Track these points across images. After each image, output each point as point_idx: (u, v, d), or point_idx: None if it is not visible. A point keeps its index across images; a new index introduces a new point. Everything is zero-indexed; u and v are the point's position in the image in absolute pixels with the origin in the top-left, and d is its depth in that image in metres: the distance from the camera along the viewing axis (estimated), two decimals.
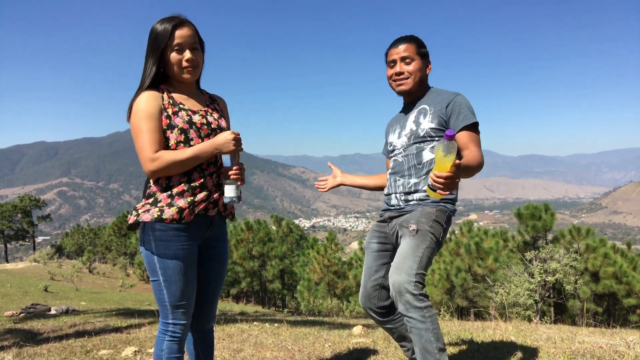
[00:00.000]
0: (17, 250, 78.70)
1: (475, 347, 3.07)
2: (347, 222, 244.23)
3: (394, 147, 2.37)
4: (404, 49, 2.24)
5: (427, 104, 2.27)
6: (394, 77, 2.29)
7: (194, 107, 1.85)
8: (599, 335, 3.58)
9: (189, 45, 1.77)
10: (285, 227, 25.71)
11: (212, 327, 2.02)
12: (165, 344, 1.79)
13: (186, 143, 1.76)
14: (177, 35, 1.75)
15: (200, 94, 1.95)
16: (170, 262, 1.74)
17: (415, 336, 1.91)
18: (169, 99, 1.80)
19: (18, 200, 39.26)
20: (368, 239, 2.39)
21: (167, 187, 1.76)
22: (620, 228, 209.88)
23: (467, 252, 15.79)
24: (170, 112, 1.77)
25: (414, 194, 2.21)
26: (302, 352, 3.10)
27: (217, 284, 1.96)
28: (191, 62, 1.78)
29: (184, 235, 1.76)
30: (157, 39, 1.75)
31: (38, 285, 13.97)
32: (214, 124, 1.86)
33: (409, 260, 1.97)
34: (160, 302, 1.78)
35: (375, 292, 2.27)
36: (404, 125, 2.34)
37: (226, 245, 2.00)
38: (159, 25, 1.76)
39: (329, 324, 4.71)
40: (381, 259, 2.30)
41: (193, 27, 1.81)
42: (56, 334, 3.99)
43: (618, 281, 14.01)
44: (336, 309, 16.86)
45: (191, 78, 1.83)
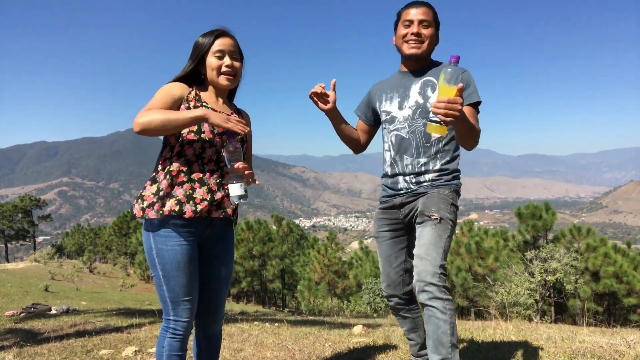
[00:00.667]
0: (18, 250, 78.76)
1: (476, 347, 3.07)
2: (348, 222, 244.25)
3: (392, 117, 2.24)
4: (424, 12, 2.14)
5: (434, 76, 2.17)
6: (408, 36, 2.15)
7: (217, 108, 1.91)
8: (600, 334, 3.58)
9: (230, 54, 1.87)
10: (286, 226, 25.72)
11: (220, 330, 2.01)
12: (166, 341, 1.80)
13: (197, 134, 1.81)
14: (218, 43, 1.85)
15: (229, 104, 2.02)
16: (168, 256, 1.76)
17: (432, 326, 1.89)
18: (196, 95, 1.87)
19: (18, 200, 39.27)
20: (377, 229, 2.32)
21: (167, 173, 1.79)
22: (620, 227, 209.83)
23: (468, 252, 15.79)
24: (192, 105, 1.84)
25: (425, 174, 2.15)
26: (302, 352, 3.10)
27: (221, 285, 1.96)
28: (231, 67, 1.86)
29: (182, 232, 1.78)
30: (199, 47, 1.86)
31: (39, 285, 13.98)
32: None
33: (433, 251, 1.95)
34: (162, 298, 1.81)
35: (400, 277, 2.24)
36: (406, 94, 2.21)
37: (230, 246, 1.99)
38: (202, 37, 1.88)
39: (329, 324, 4.71)
40: (399, 245, 2.26)
41: (235, 39, 1.91)
42: (57, 333, 3.99)
43: (618, 280, 14.01)
44: (336, 309, 16.87)
45: (229, 85, 1.89)
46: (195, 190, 1.80)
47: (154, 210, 1.75)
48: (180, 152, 1.81)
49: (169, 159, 1.83)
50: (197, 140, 1.81)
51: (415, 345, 2.37)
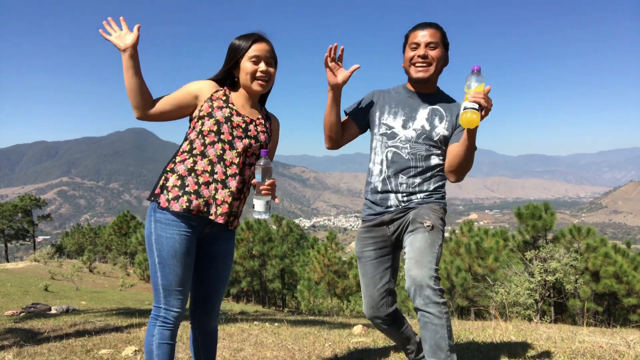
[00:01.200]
0: (18, 249, 78.77)
1: (476, 347, 3.07)
2: (348, 222, 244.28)
3: (394, 133, 2.20)
4: (430, 34, 2.12)
5: (443, 107, 2.19)
6: (415, 59, 2.15)
7: (242, 111, 1.92)
8: (599, 334, 3.58)
9: (266, 59, 1.89)
10: (286, 226, 25.72)
11: (215, 327, 2.03)
12: (156, 329, 1.80)
13: (217, 134, 1.83)
14: (255, 48, 1.87)
15: (259, 108, 2.02)
16: (166, 244, 1.78)
17: (429, 332, 1.87)
18: (223, 95, 1.90)
19: (18, 199, 39.26)
20: (360, 248, 2.26)
21: (192, 171, 1.81)
22: (620, 227, 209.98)
23: (467, 252, 15.80)
24: (216, 105, 1.85)
25: (418, 194, 2.15)
26: (302, 352, 3.10)
27: (219, 283, 1.97)
28: (266, 73, 1.88)
29: (183, 224, 1.80)
30: (236, 50, 1.89)
31: (38, 284, 13.98)
32: (252, 132, 1.91)
33: (428, 255, 1.93)
34: (155, 286, 1.81)
35: (383, 299, 2.19)
36: (412, 116, 2.20)
37: (231, 246, 2.00)
38: (239, 40, 1.90)
39: (329, 324, 4.71)
40: (383, 265, 2.21)
41: (271, 44, 1.93)
42: (56, 333, 3.99)
43: (618, 281, 14.01)
44: (336, 309, 16.88)
45: (260, 90, 1.91)
46: (218, 192, 1.82)
47: (179, 203, 1.77)
48: (204, 152, 1.83)
49: (187, 153, 1.84)
50: (217, 141, 1.83)
51: (411, 352, 2.36)
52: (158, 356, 1.78)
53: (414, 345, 2.33)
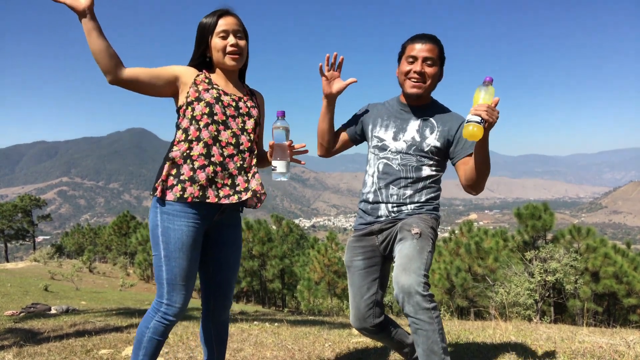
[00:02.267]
0: (18, 249, 78.78)
1: (475, 347, 3.07)
2: (348, 222, 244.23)
3: (385, 145, 2.20)
4: (429, 49, 2.08)
5: (435, 119, 2.18)
6: (411, 74, 2.11)
7: (228, 90, 1.90)
8: (599, 334, 3.58)
9: (234, 32, 1.85)
10: (286, 226, 25.73)
11: (227, 316, 2.01)
12: (152, 323, 1.77)
13: (210, 116, 1.80)
14: (221, 23, 1.83)
15: (241, 85, 2.00)
16: (173, 236, 1.74)
17: (421, 337, 1.84)
18: (206, 78, 1.87)
19: (18, 199, 39.27)
20: (350, 257, 2.24)
21: (187, 157, 1.78)
22: (620, 228, 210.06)
23: (467, 252, 15.80)
24: (201, 88, 1.83)
25: (407, 205, 2.13)
26: (302, 352, 3.10)
27: (230, 271, 1.95)
28: (236, 46, 1.84)
29: (191, 214, 1.76)
30: (204, 30, 1.85)
31: (38, 284, 13.98)
32: (244, 109, 1.90)
33: (416, 261, 1.89)
34: (158, 280, 1.78)
35: (369, 311, 2.16)
36: (403, 128, 2.20)
37: (239, 232, 1.98)
38: (205, 18, 1.86)
39: (329, 324, 4.71)
40: (371, 276, 2.19)
41: (238, 17, 1.89)
42: (56, 333, 3.99)
43: (618, 281, 14.02)
44: (336, 309, 16.88)
45: (235, 65, 1.87)
46: (217, 174, 1.79)
47: (173, 192, 1.74)
48: (199, 137, 1.79)
49: (183, 141, 1.81)
50: (210, 122, 1.80)
51: (407, 353, 2.35)
52: (145, 349, 1.77)
53: (408, 347, 2.32)
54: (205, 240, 1.88)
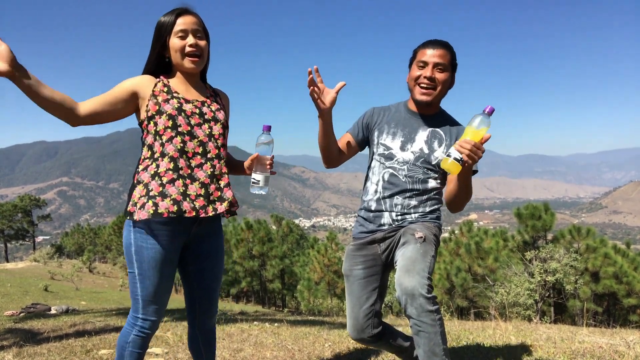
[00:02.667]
0: (17, 249, 78.80)
1: (476, 347, 3.07)
2: (347, 222, 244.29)
3: (392, 154, 2.15)
4: (441, 54, 2.02)
5: (443, 130, 2.14)
6: (421, 79, 2.06)
7: (189, 96, 1.81)
8: (599, 335, 3.58)
9: (193, 32, 1.75)
10: (286, 226, 25.72)
11: (214, 324, 2.01)
12: (131, 337, 1.78)
13: (173, 129, 1.72)
14: (180, 22, 1.74)
15: (203, 87, 1.91)
16: (147, 255, 1.71)
17: (422, 339, 1.83)
18: (164, 87, 1.77)
19: (18, 199, 39.30)
20: (349, 266, 2.19)
21: (155, 175, 1.72)
22: (620, 228, 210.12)
23: (467, 252, 15.81)
24: (161, 99, 1.73)
25: (413, 214, 2.11)
26: (302, 352, 3.10)
27: (213, 282, 1.92)
28: (195, 47, 1.75)
29: (165, 231, 1.72)
30: (161, 28, 1.76)
31: (38, 284, 13.99)
32: (209, 115, 1.81)
33: (420, 263, 1.87)
34: (133, 295, 1.77)
35: (368, 321, 2.13)
36: (411, 138, 2.14)
37: (220, 241, 1.94)
38: (164, 17, 1.77)
39: (329, 324, 4.71)
40: (370, 285, 2.15)
41: (198, 16, 1.79)
42: (56, 333, 3.99)
43: (618, 281, 14.02)
44: (336, 309, 16.88)
45: (194, 68, 1.78)
46: (187, 187, 1.72)
47: (146, 210, 1.66)
48: (163, 152, 1.73)
49: (149, 159, 1.75)
50: (175, 135, 1.72)
51: (407, 356, 2.34)
52: None
53: (407, 351, 2.30)
54: (186, 252, 1.85)
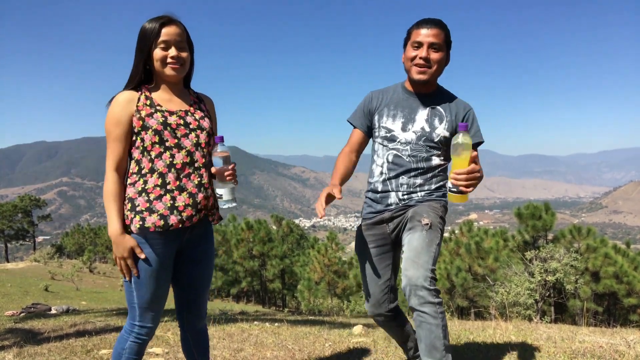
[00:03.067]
0: (18, 249, 78.75)
1: (476, 347, 3.07)
2: (348, 222, 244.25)
3: (394, 136, 2.18)
4: (435, 34, 2.04)
5: (442, 107, 2.16)
6: (417, 60, 2.07)
7: (173, 107, 1.81)
8: (600, 334, 3.57)
9: (176, 43, 1.75)
10: (286, 226, 25.73)
11: (204, 325, 2.01)
12: (127, 344, 1.80)
13: (161, 144, 1.73)
14: (163, 33, 1.73)
15: (187, 93, 1.91)
16: (142, 264, 1.73)
17: (424, 331, 1.86)
18: (147, 100, 1.77)
19: (18, 200, 39.29)
20: (361, 245, 2.25)
21: (142, 191, 1.73)
22: (620, 227, 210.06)
23: (467, 252, 15.80)
24: (144, 114, 1.73)
25: (418, 193, 2.15)
26: (302, 352, 3.10)
27: (203, 286, 1.93)
28: (176, 58, 1.76)
29: (158, 239, 1.74)
30: (145, 37, 1.75)
31: (38, 284, 14.00)
32: (194, 124, 1.81)
33: (425, 255, 1.93)
34: (130, 303, 1.79)
35: (385, 296, 2.19)
36: (412, 118, 2.16)
37: (211, 245, 1.95)
38: (148, 24, 1.75)
39: (329, 324, 4.71)
40: (383, 262, 2.21)
41: (182, 26, 1.79)
42: (57, 333, 3.99)
43: (618, 281, 14.02)
44: (336, 309, 16.88)
45: (175, 76, 1.78)
46: (175, 200, 1.74)
47: (133, 225, 1.71)
48: (152, 168, 1.74)
49: (136, 174, 1.76)
50: (163, 150, 1.74)
51: (410, 349, 2.37)
52: None
53: (413, 342, 2.35)
54: (178, 258, 1.87)
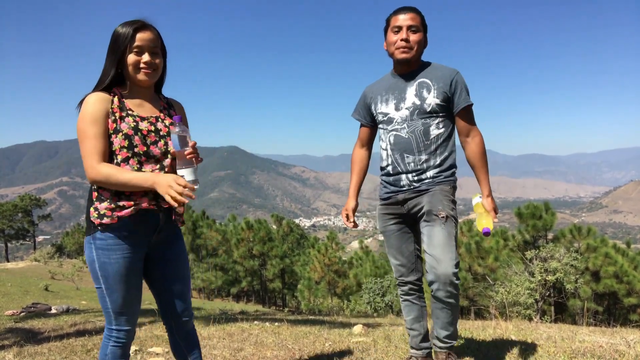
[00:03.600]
0: (18, 249, 78.74)
1: (476, 346, 3.07)
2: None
3: (390, 118, 2.34)
4: (412, 17, 2.23)
5: (428, 78, 2.28)
6: (398, 43, 2.24)
7: (144, 113, 1.81)
8: (600, 334, 3.57)
9: (149, 49, 1.75)
10: (286, 226, 25.74)
11: (192, 327, 1.99)
12: (109, 349, 1.82)
13: (130, 149, 1.72)
14: (137, 38, 1.73)
15: (157, 99, 1.91)
16: (111, 270, 1.73)
17: (444, 313, 2.24)
18: (119, 102, 1.76)
19: (18, 199, 39.29)
20: (383, 223, 2.43)
21: (115, 192, 1.72)
22: (620, 227, 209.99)
23: (468, 252, 15.79)
24: (118, 116, 1.73)
25: (426, 171, 2.27)
26: (302, 351, 3.10)
27: (180, 285, 1.91)
28: (149, 64, 1.75)
29: (126, 244, 1.74)
30: (118, 41, 1.73)
31: (39, 284, 14.00)
32: (164, 130, 1.81)
33: (448, 251, 2.15)
34: (104, 309, 1.80)
35: (413, 264, 2.39)
36: (402, 97, 2.31)
37: (181, 245, 1.94)
38: (121, 28, 1.74)
39: (329, 323, 4.71)
40: (406, 235, 2.40)
41: (156, 31, 1.79)
42: (57, 333, 3.99)
43: (619, 280, 14.01)
44: (337, 308, 16.88)
45: (147, 81, 1.78)
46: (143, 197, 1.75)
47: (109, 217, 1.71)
48: None
49: None
50: (131, 156, 1.73)
51: (417, 335, 2.45)
52: None
53: (423, 328, 2.46)
54: (148, 261, 1.87)
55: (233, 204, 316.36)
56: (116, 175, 1.67)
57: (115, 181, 1.67)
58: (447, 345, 2.37)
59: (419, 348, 2.46)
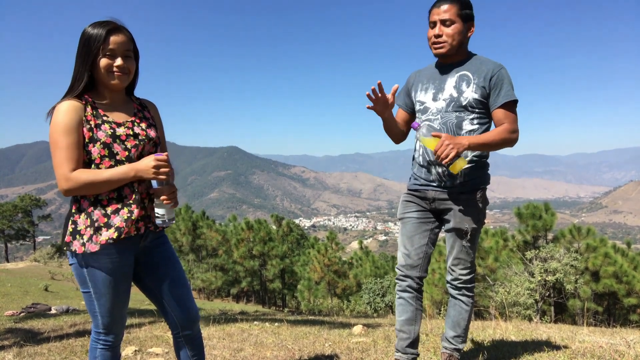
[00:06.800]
0: (18, 249, 78.75)
1: (476, 347, 3.07)
2: (348, 222, 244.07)
3: (426, 108, 2.30)
4: (445, 10, 2.15)
5: (470, 71, 2.20)
6: (432, 39, 2.21)
7: (119, 118, 1.76)
8: (599, 334, 3.57)
9: (122, 53, 1.70)
10: (286, 226, 25.71)
11: (198, 330, 1.94)
12: (98, 352, 1.81)
13: (111, 157, 1.68)
14: (111, 41, 1.67)
15: (130, 101, 1.86)
16: (100, 275, 1.70)
17: (455, 311, 2.37)
18: (93, 110, 1.70)
19: (18, 199, 39.26)
20: (403, 209, 2.38)
21: (97, 203, 1.68)
22: (620, 227, 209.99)
23: None
24: (93, 124, 1.68)
25: None
26: (302, 352, 3.10)
27: (177, 286, 1.87)
28: (121, 68, 1.71)
29: (114, 249, 1.70)
30: (90, 43, 1.66)
31: (38, 284, 13.99)
32: (142, 134, 1.77)
33: (469, 259, 2.30)
34: (92, 312, 1.78)
35: (419, 260, 2.32)
36: (441, 87, 2.26)
37: (169, 248, 1.91)
38: (92, 29, 1.67)
39: (329, 324, 4.71)
40: (424, 226, 2.33)
41: (129, 34, 1.74)
42: (57, 333, 3.99)
43: (618, 280, 14.01)
44: (336, 309, 16.88)
45: (120, 84, 1.73)
46: (133, 213, 1.70)
47: (93, 242, 1.65)
48: None
49: None
50: (114, 164, 1.69)
51: (406, 339, 2.33)
52: None
53: (412, 333, 2.33)
54: (137, 267, 1.84)
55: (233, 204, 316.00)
56: (94, 177, 1.62)
57: (95, 181, 1.62)
58: (453, 347, 2.38)
59: (404, 352, 2.35)
